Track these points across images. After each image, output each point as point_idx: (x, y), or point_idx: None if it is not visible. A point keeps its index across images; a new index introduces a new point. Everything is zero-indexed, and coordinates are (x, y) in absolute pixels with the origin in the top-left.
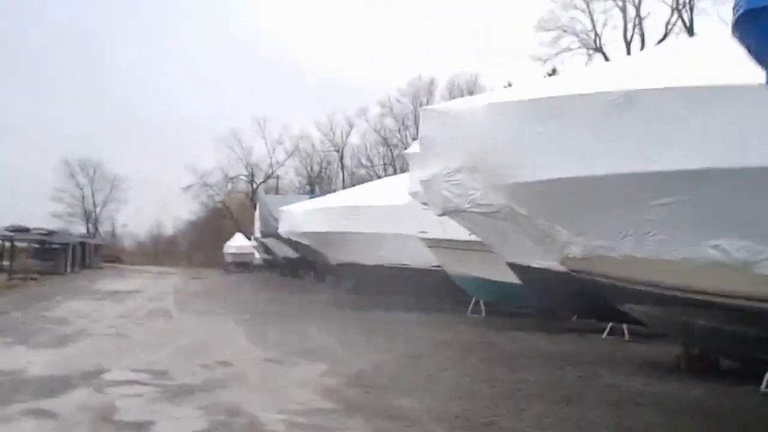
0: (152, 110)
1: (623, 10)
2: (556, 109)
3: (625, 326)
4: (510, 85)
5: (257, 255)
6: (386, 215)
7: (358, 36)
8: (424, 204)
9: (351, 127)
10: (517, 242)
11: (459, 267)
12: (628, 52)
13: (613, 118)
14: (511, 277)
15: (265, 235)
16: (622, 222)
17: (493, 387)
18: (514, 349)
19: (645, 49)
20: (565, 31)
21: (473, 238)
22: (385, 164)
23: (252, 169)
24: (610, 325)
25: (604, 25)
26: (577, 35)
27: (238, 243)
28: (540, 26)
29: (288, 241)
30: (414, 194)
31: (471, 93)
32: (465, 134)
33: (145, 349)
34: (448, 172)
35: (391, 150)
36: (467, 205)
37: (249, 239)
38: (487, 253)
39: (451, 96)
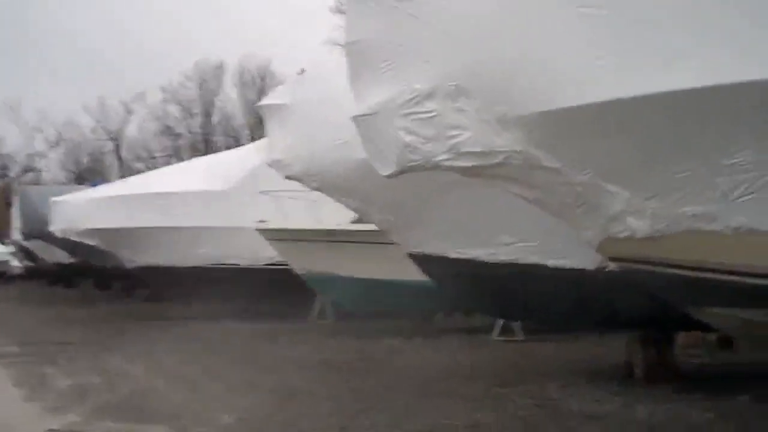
0: None
1: None
2: None
3: (519, 324)
4: (303, 71)
5: (16, 262)
6: (204, 203)
7: (132, 11)
8: (291, 177)
9: (129, 113)
10: (434, 225)
11: (311, 263)
12: None
13: None
14: (384, 274)
15: (28, 236)
16: (742, 171)
17: None
18: (412, 367)
19: None
20: None
21: (330, 226)
22: (168, 156)
23: (4, 161)
24: (501, 323)
25: None
26: None
27: None
28: (336, 9)
29: (62, 242)
30: (275, 163)
31: (263, 79)
32: (442, 31)
33: None
34: (410, 100)
35: (175, 139)
36: (444, 156)
37: (3, 244)
38: (352, 246)
39: (242, 82)
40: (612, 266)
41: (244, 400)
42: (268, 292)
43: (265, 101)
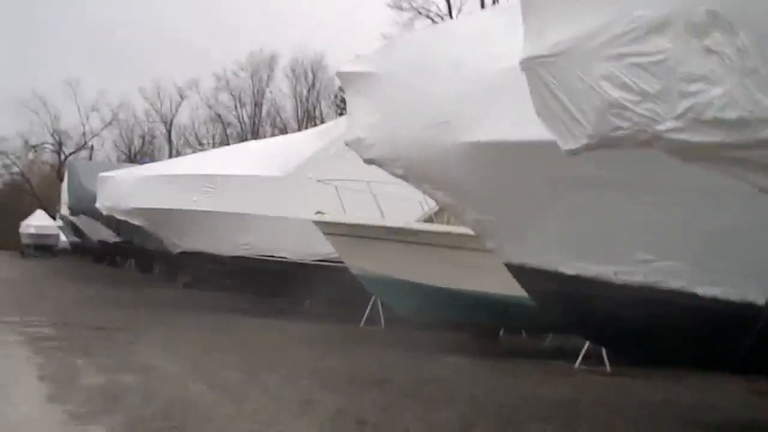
0: None
1: None
2: None
3: (604, 352)
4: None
5: (63, 237)
6: (258, 190)
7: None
8: (371, 160)
9: (182, 98)
10: (548, 232)
11: (370, 263)
12: None
13: None
14: (452, 282)
15: (75, 211)
16: None
17: None
18: (489, 397)
19: None
20: (420, 12)
21: (397, 224)
22: (215, 143)
23: (60, 137)
24: (584, 349)
25: (460, 10)
26: (432, 18)
27: (38, 221)
28: (395, 4)
29: (107, 220)
30: (355, 142)
31: (315, 73)
32: None
33: None
34: (624, 35)
35: (224, 127)
36: (673, 123)
37: (54, 218)
38: (419, 247)
39: (294, 75)
40: None
41: (300, 425)
42: (316, 290)
43: (347, 68)
